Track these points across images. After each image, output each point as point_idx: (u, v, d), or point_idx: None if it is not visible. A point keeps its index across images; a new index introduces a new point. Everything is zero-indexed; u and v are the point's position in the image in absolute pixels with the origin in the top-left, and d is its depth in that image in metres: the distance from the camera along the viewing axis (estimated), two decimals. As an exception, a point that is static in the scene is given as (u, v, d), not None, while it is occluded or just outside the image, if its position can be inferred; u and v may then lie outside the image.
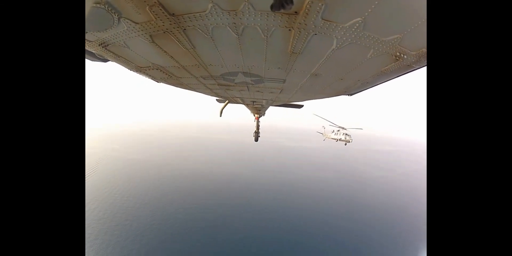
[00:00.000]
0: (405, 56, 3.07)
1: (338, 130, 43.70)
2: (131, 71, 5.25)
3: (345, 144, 42.18)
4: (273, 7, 1.35)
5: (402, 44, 2.79)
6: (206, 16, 2.50)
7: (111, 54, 3.95)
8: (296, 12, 2.34)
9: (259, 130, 16.33)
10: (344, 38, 2.73)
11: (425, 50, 2.86)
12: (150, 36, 3.05)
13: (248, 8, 2.32)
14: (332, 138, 44.45)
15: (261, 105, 11.29)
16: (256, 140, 16.51)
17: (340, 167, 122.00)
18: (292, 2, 1.34)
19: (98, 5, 2.49)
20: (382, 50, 2.96)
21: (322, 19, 2.40)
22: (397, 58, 3.13)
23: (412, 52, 2.99)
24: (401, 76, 4.18)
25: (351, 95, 6.52)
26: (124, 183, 76.88)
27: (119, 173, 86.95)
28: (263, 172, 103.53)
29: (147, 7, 2.44)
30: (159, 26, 2.78)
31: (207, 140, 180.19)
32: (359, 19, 2.36)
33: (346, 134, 41.66)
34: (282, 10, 1.39)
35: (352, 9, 2.26)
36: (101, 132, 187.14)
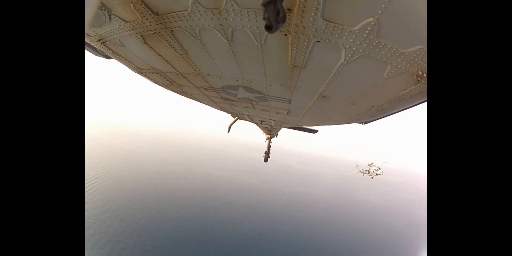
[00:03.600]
0: None
1: (370, 167, 47.60)
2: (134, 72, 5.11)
3: (372, 178, 46.49)
4: (267, 28, 1.19)
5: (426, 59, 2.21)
6: (190, 16, 2.28)
7: (110, 51, 3.88)
8: (289, 9, 1.88)
9: (270, 151, 15.78)
10: (354, 48, 2.21)
11: None
12: (142, 36, 2.92)
13: (232, 5, 2.00)
14: (367, 174, 48.08)
15: (271, 125, 10.59)
16: (266, 160, 15.83)
17: (335, 188, 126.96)
18: (284, 21, 1.17)
19: None
20: (401, 67, 2.40)
21: (324, 19, 1.92)
22: (419, 78, 2.56)
23: None
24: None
25: (364, 123, 5.87)
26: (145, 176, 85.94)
27: (143, 166, 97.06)
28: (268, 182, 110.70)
29: (131, 5, 2.33)
30: (146, 26, 2.65)
31: (220, 152, 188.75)
32: (371, 19, 1.82)
33: (376, 169, 46.21)
34: (274, 29, 1.19)
35: (361, 5, 1.73)
36: (131, 129, 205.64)
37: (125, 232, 47.27)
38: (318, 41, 2.24)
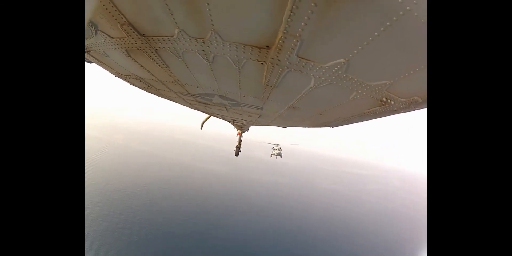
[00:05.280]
0: (392, 102, 2.69)
1: (275, 145, 45.20)
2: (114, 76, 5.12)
3: (270, 156, 44.41)
4: None
5: (391, 90, 2.43)
6: (175, 41, 2.37)
7: (93, 58, 3.93)
8: (267, 46, 2.06)
9: (241, 145, 15.95)
10: (323, 78, 2.39)
11: (416, 97, 2.48)
12: (126, 50, 2.96)
13: (216, 38, 2.13)
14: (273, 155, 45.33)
15: (242, 124, 10.99)
16: (237, 154, 16.06)
17: (296, 177, 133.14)
18: None
19: None
20: (366, 94, 2.58)
21: (298, 56, 2.10)
22: (383, 103, 2.75)
23: (402, 99, 2.58)
24: None
25: (333, 127, 6.25)
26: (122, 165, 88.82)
27: (124, 157, 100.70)
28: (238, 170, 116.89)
29: (119, 25, 2.39)
30: (132, 44, 2.71)
31: (193, 144, 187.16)
32: (341, 60, 2.02)
33: (276, 149, 43.95)
34: None
35: (334, 49, 1.90)
36: (105, 120, 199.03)
37: (115, 213, 55.24)
38: (291, 71, 2.39)
